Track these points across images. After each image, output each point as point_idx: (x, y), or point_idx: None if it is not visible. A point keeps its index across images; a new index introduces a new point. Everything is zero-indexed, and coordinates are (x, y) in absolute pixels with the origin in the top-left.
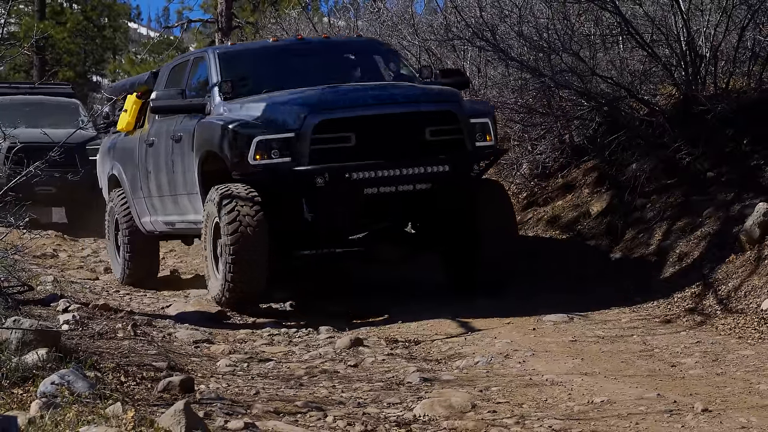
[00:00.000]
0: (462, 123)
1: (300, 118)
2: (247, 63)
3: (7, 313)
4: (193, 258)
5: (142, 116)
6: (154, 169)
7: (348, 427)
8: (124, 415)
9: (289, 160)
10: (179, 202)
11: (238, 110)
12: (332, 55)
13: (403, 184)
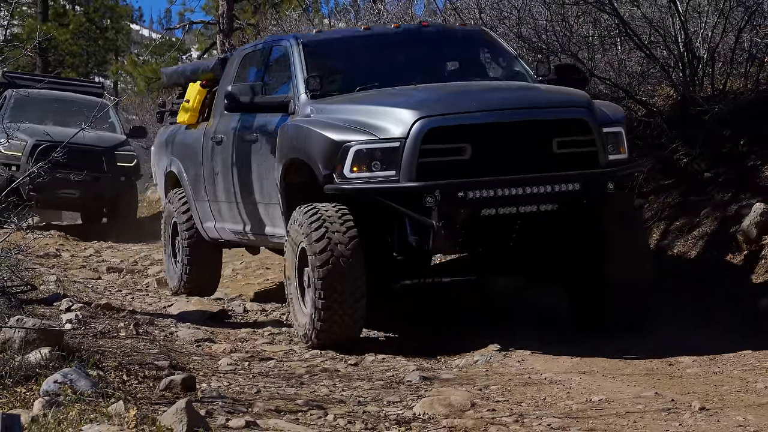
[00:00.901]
0: (595, 133)
1: (407, 124)
2: (336, 54)
3: (10, 312)
4: None
5: (206, 108)
6: (223, 171)
7: (348, 426)
8: (126, 413)
9: (393, 174)
10: (253, 211)
11: (330, 112)
12: (433, 46)
13: (525, 205)
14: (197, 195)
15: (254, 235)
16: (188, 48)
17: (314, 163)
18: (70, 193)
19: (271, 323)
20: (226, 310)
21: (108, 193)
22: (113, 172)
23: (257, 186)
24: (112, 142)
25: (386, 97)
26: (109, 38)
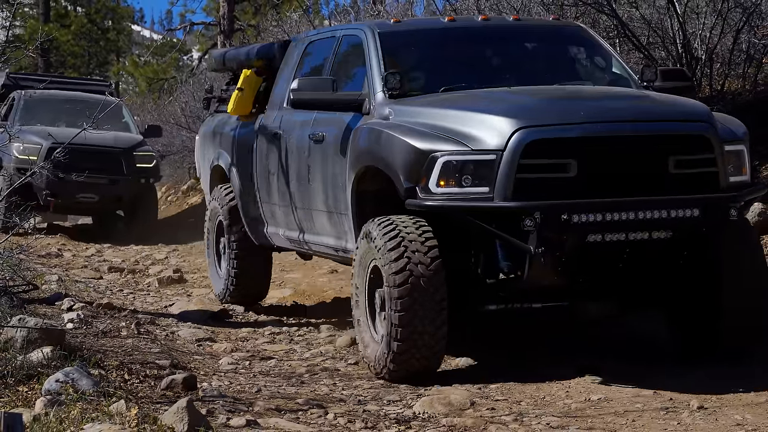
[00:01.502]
0: (717, 151)
1: (504, 135)
2: (417, 48)
3: (12, 311)
4: (196, 257)
5: (260, 98)
6: (279, 171)
7: (348, 425)
8: (127, 412)
9: (485, 191)
10: (314, 218)
11: (412, 115)
12: (526, 42)
13: (636, 231)
14: (247, 194)
15: (314, 246)
16: (189, 49)
17: (394, 173)
18: (88, 197)
19: (271, 323)
20: (226, 310)
21: (127, 195)
22: (132, 174)
23: (321, 191)
24: (129, 143)
25: (479, 101)
26: (111, 39)
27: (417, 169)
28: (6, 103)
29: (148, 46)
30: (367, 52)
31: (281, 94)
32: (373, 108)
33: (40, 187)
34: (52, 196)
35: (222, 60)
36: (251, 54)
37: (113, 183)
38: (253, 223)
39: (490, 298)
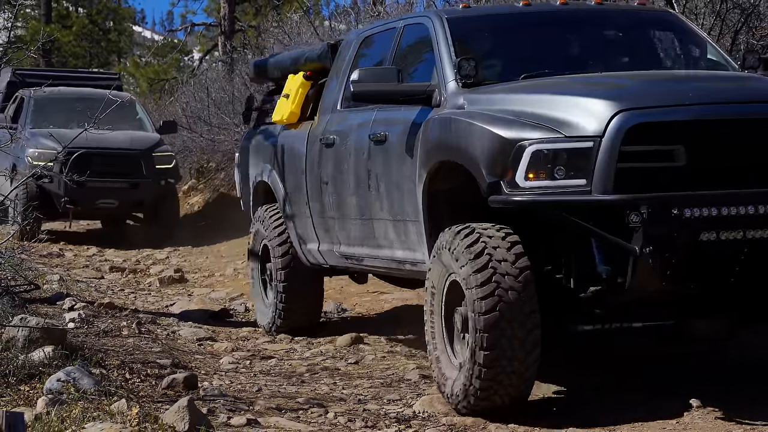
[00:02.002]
0: None
1: (603, 119)
2: (490, 34)
3: (13, 311)
4: (197, 257)
5: (310, 104)
6: (334, 180)
7: (349, 423)
8: (128, 411)
9: (582, 183)
10: (376, 229)
11: (490, 102)
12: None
13: (755, 228)
14: (297, 210)
15: (376, 261)
16: (190, 50)
17: (474, 167)
18: (108, 203)
19: None
20: (227, 309)
21: (149, 199)
22: (152, 176)
23: (385, 197)
24: (148, 143)
25: (570, 84)
26: (112, 40)
27: (502, 160)
28: (13, 101)
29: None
30: (436, 41)
31: (333, 98)
32: (444, 99)
33: (58, 194)
34: (71, 203)
35: (264, 68)
36: (299, 58)
37: (134, 186)
38: (304, 241)
39: (583, 316)
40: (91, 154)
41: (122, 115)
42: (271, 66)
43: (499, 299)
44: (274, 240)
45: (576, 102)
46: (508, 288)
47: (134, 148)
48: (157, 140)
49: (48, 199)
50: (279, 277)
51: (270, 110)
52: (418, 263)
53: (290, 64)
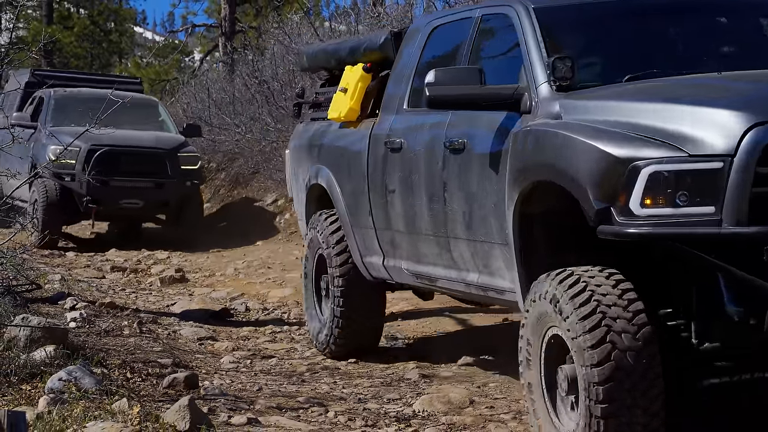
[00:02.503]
0: None
1: (734, 134)
2: (585, 27)
3: (15, 311)
4: (197, 257)
5: (371, 99)
6: (402, 189)
7: (349, 422)
8: (130, 410)
9: (711, 211)
10: (453, 248)
11: (593, 111)
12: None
13: None
14: (357, 218)
15: (455, 283)
16: (191, 50)
17: (579, 189)
18: (132, 203)
19: (272, 322)
20: (228, 309)
21: (174, 200)
22: (178, 177)
23: (462, 214)
24: (173, 144)
25: (687, 89)
26: (113, 41)
27: (612, 183)
28: (31, 102)
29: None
30: (522, 35)
31: (399, 94)
32: (535, 105)
33: (81, 194)
34: (94, 202)
35: (318, 57)
36: (357, 48)
37: (159, 187)
38: (366, 254)
39: (709, 368)
40: (116, 152)
41: (145, 117)
42: (326, 55)
43: (615, 361)
44: (332, 249)
45: (698, 113)
46: (626, 348)
47: (160, 147)
48: (183, 141)
49: (69, 199)
50: (337, 290)
51: (325, 103)
52: (502, 291)
53: (348, 54)
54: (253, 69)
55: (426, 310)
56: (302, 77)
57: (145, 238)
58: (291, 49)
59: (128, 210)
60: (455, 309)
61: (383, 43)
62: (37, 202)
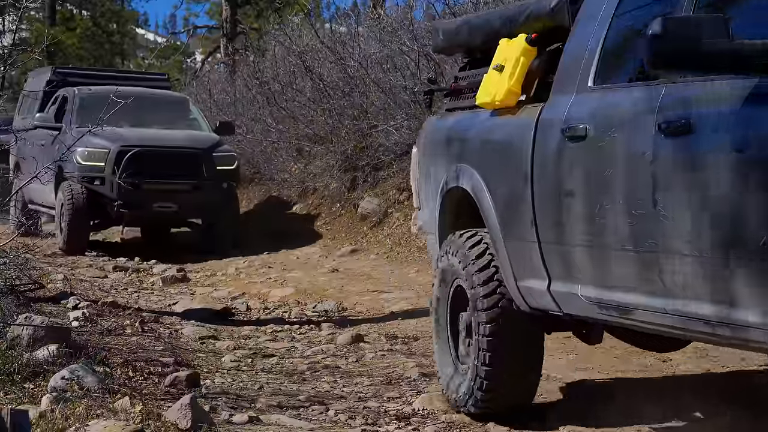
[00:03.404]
0: None
1: None
2: None
3: (18, 310)
4: (199, 257)
5: (535, 80)
6: (586, 189)
7: (349, 421)
8: (132, 409)
9: None
10: (664, 268)
11: None
12: None
13: None
14: (513, 231)
15: (663, 316)
16: (192, 52)
17: None
18: (167, 207)
19: (273, 321)
20: (229, 308)
21: (210, 202)
22: (213, 178)
23: (686, 221)
24: (207, 143)
25: None
26: (116, 42)
27: None
28: (53, 102)
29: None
30: None
31: (580, 68)
32: None
33: (111, 198)
34: (125, 207)
35: (459, 32)
36: (517, 16)
37: (194, 189)
38: (524, 276)
39: None
40: (147, 152)
41: (176, 115)
42: (471, 29)
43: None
44: (476, 278)
45: None
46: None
47: (194, 147)
48: (217, 139)
49: (98, 204)
50: (482, 330)
51: (467, 89)
52: (743, 327)
53: (501, 24)
54: (254, 70)
55: (425, 309)
56: None
57: (179, 243)
58: (292, 50)
59: (162, 214)
60: None
61: (556, 7)
62: (64, 208)
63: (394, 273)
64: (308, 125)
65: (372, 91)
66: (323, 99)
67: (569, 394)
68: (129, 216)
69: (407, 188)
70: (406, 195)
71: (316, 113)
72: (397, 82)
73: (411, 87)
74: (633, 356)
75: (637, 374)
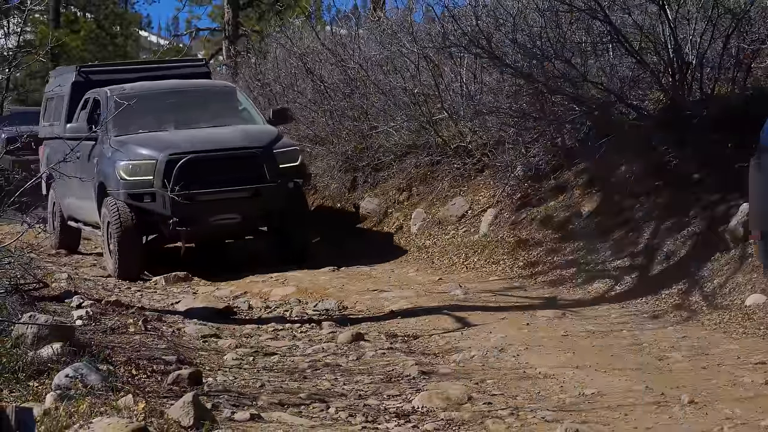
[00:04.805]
0: None
1: None
2: None
3: (23, 308)
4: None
5: None
6: None
7: (349, 418)
8: (135, 406)
9: None
10: None
11: None
12: None
13: None
14: None
15: None
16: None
17: None
18: (229, 218)
19: (274, 319)
20: (231, 307)
21: (276, 208)
22: (278, 179)
23: None
24: (266, 138)
25: None
26: (119, 44)
27: None
28: (83, 106)
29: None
30: None
31: None
32: None
33: (164, 215)
34: (181, 224)
35: None
36: None
37: (257, 195)
38: None
39: None
40: (200, 158)
41: (224, 108)
42: None
43: None
44: None
45: None
46: None
47: (252, 146)
48: (276, 133)
49: (149, 222)
50: None
51: None
52: None
53: None
54: (255, 72)
55: (425, 308)
56: None
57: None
58: (293, 52)
59: (223, 227)
60: (454, 307)
61: None
62: (111, 228)
63: (393, 272)
64: (309, 126)
65: (372, 92)
66: (324, 100)
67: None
68: (186, 233)
69: (407, 188)
70: (406, 195)
71: (317, 114)
72: (397, 84)
73: (411, 89)
74: (630, 354)
75: (634, 371)
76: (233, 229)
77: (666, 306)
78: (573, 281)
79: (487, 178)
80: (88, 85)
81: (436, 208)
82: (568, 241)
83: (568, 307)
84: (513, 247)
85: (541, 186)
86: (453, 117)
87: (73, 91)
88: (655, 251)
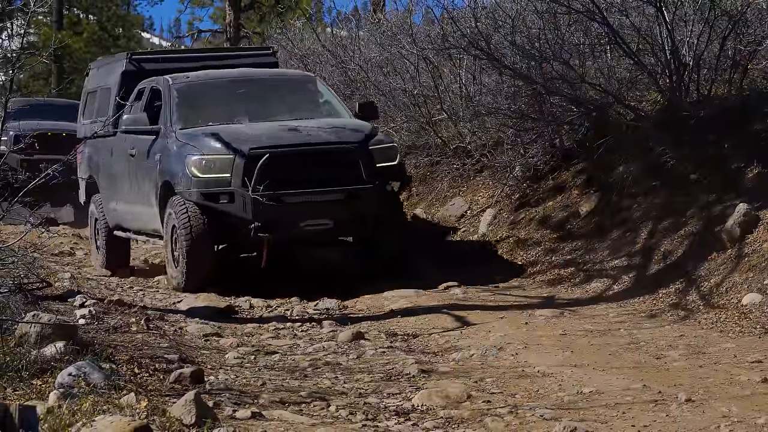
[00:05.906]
0: None
1: None
2: None
3: (26, 308)
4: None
5: None
6: None
7: (350, 416)
8: (137, 404)
9: None
10: None
11: None
12: None
13: None
14: None
15: None
16: None
17: None
18: (320, 224)
19: (275, 319)
20: (232, 306)
21: (371, 214)
22: (375, 180)
23: None
24: (360, 134)
25: None
26: (121, 46)
27: None
28: (137, 98)
29: None
30: None
31: None
32: None
33: (244, 218)
34: (265, 229)
35: None
36: None
37: (353, 198)
38: None
39: None
40: (286, 154)
41: (302, 98)
42: None
43: None
44: None
45: None
46: None
47: (345, 141)
48: (370, 128)
49: (224, 226)
50: None
51: None
52: None
53: None
54: None
55: (425, 307)
56: None
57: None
58: (294, 54)
59: (312, 235)
60: (453, 306)
61: None
62: (177, 234)
63: None
64: None
65: (372, 93)
66: None
67: None
68: (270, 240)
69: (406, 188)
70: (405, 195)
71: None
72: (397, 85)
73: (410, 90)
74: (627, 353)
75: (631, 370)
76: (323, 236)
77: (663, 305)
78: (571, 281)
79: (486, 178)
80: (141, 74)
81: (435, 208)
82: (566, 241)
83: (566, 307)
84: (512, 247)
85: (540, 186)
86: (452, 118)
87: (123, 81)
88: (653, 251)
